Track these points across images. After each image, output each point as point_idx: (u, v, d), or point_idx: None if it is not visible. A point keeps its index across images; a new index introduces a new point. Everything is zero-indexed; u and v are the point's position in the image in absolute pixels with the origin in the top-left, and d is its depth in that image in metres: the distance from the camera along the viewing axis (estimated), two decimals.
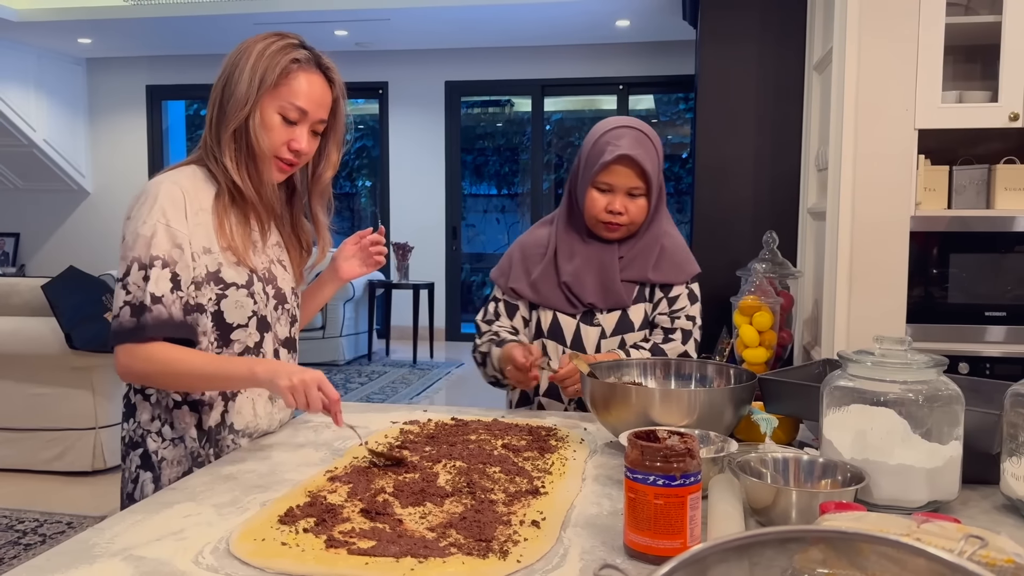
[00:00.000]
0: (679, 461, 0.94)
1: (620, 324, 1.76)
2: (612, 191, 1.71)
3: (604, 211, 1.71)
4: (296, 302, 1.60)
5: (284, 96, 1.42)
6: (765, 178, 4.00)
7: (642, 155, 1.68)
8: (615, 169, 1.69)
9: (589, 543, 1.00)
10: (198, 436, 1.44)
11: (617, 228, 1.73)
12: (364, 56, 7.77)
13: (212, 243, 1.41)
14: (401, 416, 1.60)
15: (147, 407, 1.45)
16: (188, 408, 1.44)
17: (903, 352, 1.12)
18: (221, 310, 1.42)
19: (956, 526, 0.82)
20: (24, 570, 0.93)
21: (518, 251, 1.85)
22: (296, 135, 1.44)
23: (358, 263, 1.69)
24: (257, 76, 1.41)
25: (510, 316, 1.83)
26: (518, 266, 1.82)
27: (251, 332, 1.46)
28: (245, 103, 1.41)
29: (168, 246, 1.36)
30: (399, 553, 0.94)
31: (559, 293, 1.76)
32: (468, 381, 6.27)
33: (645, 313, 1.78)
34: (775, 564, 0.66)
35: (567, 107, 8.23)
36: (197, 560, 0.95)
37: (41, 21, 6.57)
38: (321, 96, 1.46)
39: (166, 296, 1.35)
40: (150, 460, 1.43)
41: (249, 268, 1.45)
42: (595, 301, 1.75)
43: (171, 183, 1.40)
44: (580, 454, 1.36)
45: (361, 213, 8.66)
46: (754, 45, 3.96)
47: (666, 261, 1.78)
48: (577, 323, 1.76)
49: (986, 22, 2.68)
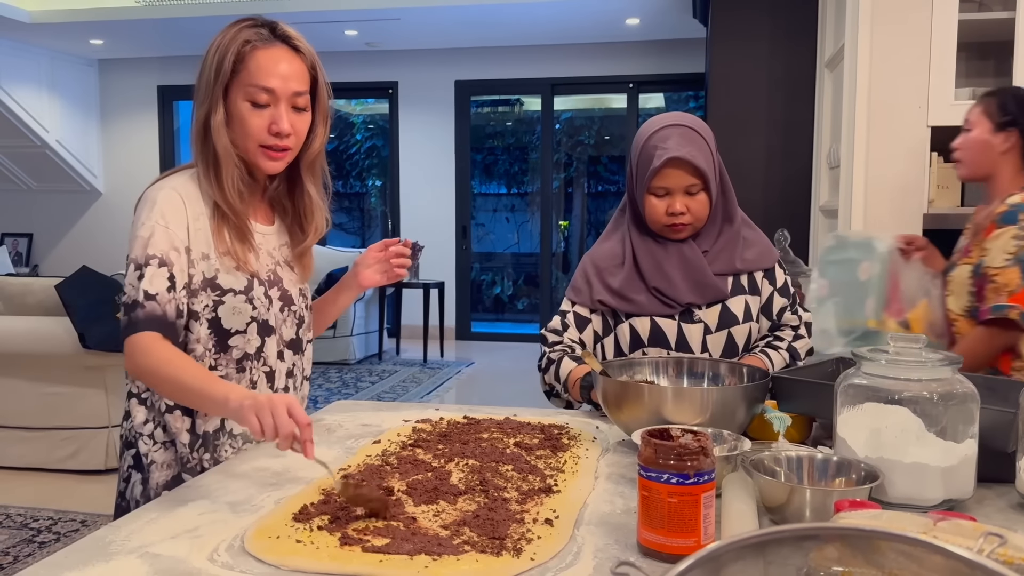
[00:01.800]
0: (693, 459, 0.93)
1: (723, 318, 1.70)
2: (670, 194, 1.66)
3: (665, 215, 1.67)
4: (305, 303, 1.55)
5: (247, 81, 1.34)
6: (777, 176, 3.99)
7: (692, 152, 1.64)
8: (667, 173, 1.64)
9: (602, 541, 1.00)
10: (190, 441, 1.40)
11: (682, 228, 1.68)
12: (374, 56, 7.78)
13: (210, 249, 1.37)
14: (413, 415, 1.60)
15: (142, 410, 1.42)
16: (181, 412, 1.40)
17: (918, 350, 1.12)
18: (218, 316, 1.38)
19: (972, 524, 0.82)
20: (42, 567, 0.93)
21: (591, 265, 1.77)
22: (275, 116, 1.35)
23: (379, 272, 1.63)
24: (212, 69, 1.34)
25: (580, 329, 1.76)
26: (596, 280, 1.75)
27: (250, 338, 1.41)
28: (205, 100, 1.35)
29: (165, 246, 1.32)
30: (413, 551, 0.94)
31: (651, 298, 1.70)
32: (479, 380, 6.27)
33: (746, 304, 1.73)
34: (790, 562, 0.66)
35: (577, 106, 8.22)
36: (212, 557, 0.95)
37: (53, 23, 6.60)
38: (288, 69, 1.36)
39: (161, 294, 1.30)
40: (141, 462, 1.41)
41: (249, 273, 1.40)
42: (693, 299, 1.69)
43: (170, 189, 1.36)
44: (593, 452, 1.36)
45: (371, 212, 8.68)
46: (765, 43, 3.94)
47: (750, 249, 1.75)
48: (678, 324, 1.70)
49: (999, 18, 2.66)
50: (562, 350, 1.74)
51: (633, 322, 1.71)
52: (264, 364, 1.44)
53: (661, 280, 1.69)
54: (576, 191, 8.35)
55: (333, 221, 1.58)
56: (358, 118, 8.73)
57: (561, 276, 8.27)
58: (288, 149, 1.39)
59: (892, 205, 2.62)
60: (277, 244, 1.50)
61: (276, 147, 1.37)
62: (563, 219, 8.26)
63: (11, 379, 3.85)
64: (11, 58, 7.20)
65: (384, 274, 1.63)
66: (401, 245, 1.63)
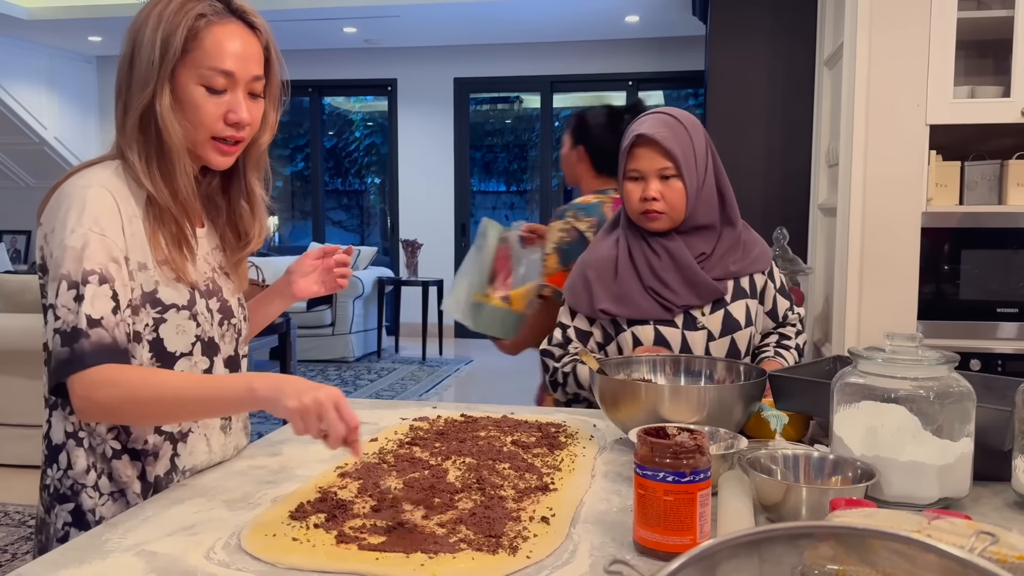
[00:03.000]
0: (689, 458, 0.94)
1: (726, 324, 1.69)
2: (643, 177, 1.66)
3: (639, 200, 1.67)
4: (243, 313, 1.36)
5: (200, 62, 1.16)
6: (775, 174, 3.99)
7: (664, 134, 1.63)
8: (637, 153, 1.66)
9: (599, 539, 1.00)
10: (143, 489, 1.21)
11: (657, 216, 1.66)
12: (373, 53, 7.77)
13: (147, 258, 1.17)
14: (411, 413, 1.60)
15: (81, 454, 1.20)
16: (129, 457, 1.20)
17: (914, 349, 1.12)
18: (160, 337, 1.18)
19: (967, 523, 0.82)
20: (38, 565, 0.93)
21: (589, 271, 1.74)
22: (232, 104, 1.18)
23: (316, 282, 1.46)
24: (158, 46, 1.14)
25: (583, 341, 1.75)
26: (597, 285, 1.71)
27: (196, 360, 1.23)
28: (147, 83, 1.15)
29: (104, 259, 1.12)
30: (409, 548, 0.95)
31: (649, 300, 1.68)
32: (477, 378, 6.27)
33: (747, 308, 1.72)
34: (785, 560, 0.66)
35: (576, 103, 8.21)
36: (209, 555, 0.95)
37: (51, 19, 6.60)
38: (245, 49, 1.18)
39: (107, 318, 1.10)
40: (84, 519, 1.19)
41: (190, 285, 1.21)
42: (690, 300, 1.67)
43: (99, 187, 1.15)
44: (589, 451, 1.36)
45: (370, 210, 8.67)
46: (764, 41, 3.94)
47: (750, 252, 1.75)
48: (681, 332, 1.68)
49: (998, 17, 2.66)
50: (572, 359, 1.73)
51: (636, 330, 1.69)
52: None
53: (655, 281, 1.68)
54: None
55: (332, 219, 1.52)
56: (357, 115, 8.72)
57: None
58: (242, 141, 1.23)
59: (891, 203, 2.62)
60: (209, 248, 1.30)
61: (230, 139, 1.20)
62: None
63: (9, 376, 3.85)
64: (9, 55, 7.19)
65: (323, 284, 1.47)
66: (343, 252, 1.47)
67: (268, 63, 1.24)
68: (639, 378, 1.53)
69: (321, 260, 1.47)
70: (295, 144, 8.74)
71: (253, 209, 1.32)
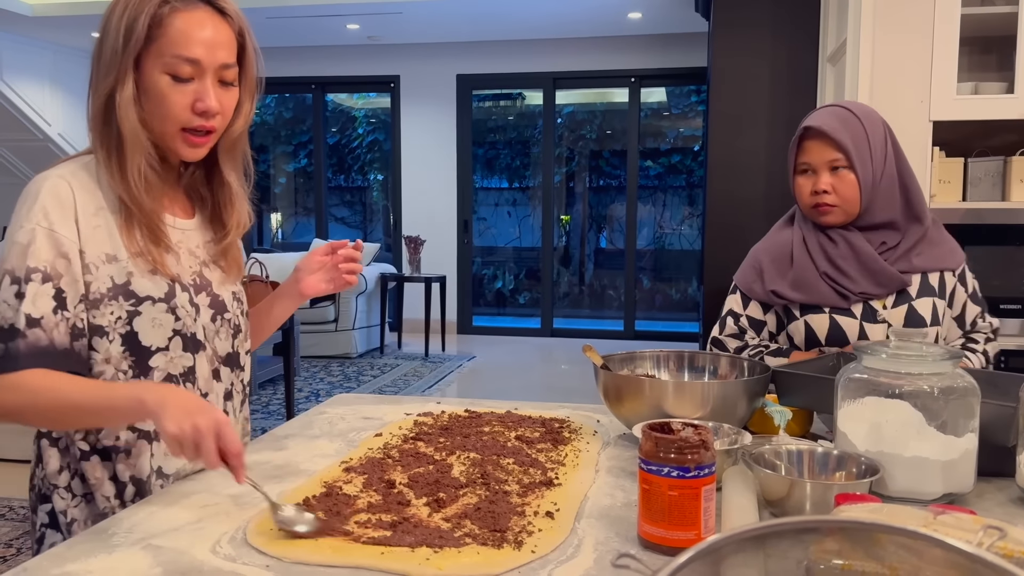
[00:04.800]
0: (693, 453, 0.94)
1: (909, 319, 1.62)
2: (814, 171, 1.63)
3: (810, 194, 1.63)
4: (240, 308, 1.33)
5: (166, 49, 1.12)
6: (778, 171, 3.98)
7: (834, 125, 1.59)
8: (807, 146, 1.63)
9: (603, 534, 1.00)
10: (114, 492, 1.18)
11: (829, 209, 1.62)
12: (376, 50, 7.77)
13: (119, 249, 1.15)
14: (415, 408, 1.61)
15: (54, 455, 1.19)
16: (99, 458, 1.18)
17: (918, 344, 1.12)
18: (135, 330, 1.16)
19: (972, 517, 0.82)
20: (45, 558, 0.94)
21: (763, 255, 1.72)
22: (200, 92, 1.14)
23: (323, 279, 1.41)
24: (121, 34, 1.11)
25: (757, 331, 1.72)
26: (771, 269, 1.69)
27: (174, 356, 1.20)
28: (109, 72, 1.12)
29: (50, 255, 1.10)
30: (414, 543, 0.95)
31: (825, 286, 1.63)
32: (480, 374, 6.28)
33: (934, 307, 1.64)
34: (790, 555, 0.66)
35: (579, 100, 8.21)
36: (215, 549, 0.96)
37: (55, 16, 6.60)
38: (215, 35, 1.14)
39: (46, 318, 1.09)
40: (57, 521, 1.19)
41: (169, 277, 1.19)
42: (868, 288, 1.61)
43: (57, 177, 1.14)
44: (593, 446, 1.36)
45: (373, 207, 8.68)
46: (767, 37, 3.94)
47: (936, 248, 1.66)
48: (859, 323, 1.63)
49: (1002, 13, 2.66)
50: (758, 350, 1.69)
51: (810, 319, 1.65)
52: (196, 388, 1.24)
53: (831, 268, 1.63)
54: (578, 185, 8.34)
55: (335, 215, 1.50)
56: (360, 112, 8.72)
57: (563, 270, 8.27)
58: (213, 131, 1.19)
59: None
60: (200, 241, 1.28)
61: (200, 129, 1.17)
62: (565, 214, 8.25)
63: None
64: (13, 51, 7.19)
65: (331, 281, 1.41)
66: (352, 247, 1.41)
67: (243, 51, 1.20)
68: (643, 374, 1.53)
69: (329, 256, 1.42)
70: (298, 141, 8.75)
71: (229, 199, 1.29)
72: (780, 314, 1.70)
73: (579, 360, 6.34)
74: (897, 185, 1.64)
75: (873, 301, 1.64)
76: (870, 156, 1.60)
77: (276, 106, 8.77)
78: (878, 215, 1.63)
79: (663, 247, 8.17)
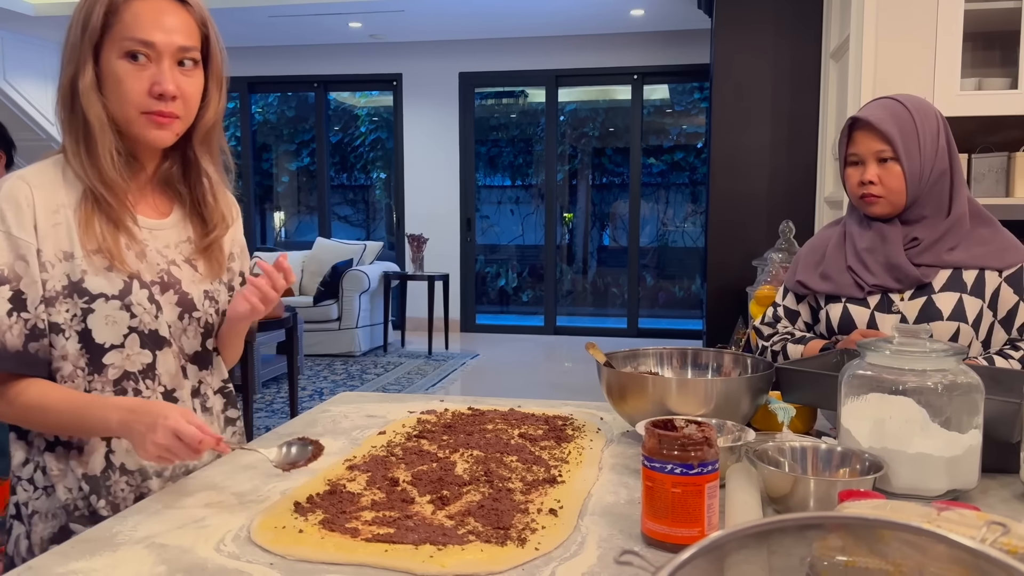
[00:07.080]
0: (696, 450, 0.94)
1: (924, 312, 1.62)
2: (862, 162, 1.64)
3: (857, 185, 1.65)
4: (214, 307, 1.30)
5: (120, 35, 1.14)
6: (781, 167, 3.98)
7: (882, 117, 1.61)
8: (856, 138, 1.65)
9: (607, 531, 1.00)
10: (74, 485, 1.19)
11: (875, 200, 1.63)
12: (378, 48, 7.77)
13: (75, 247, 1.16)
14: (418, 406, 1.61)
15: (21, 447, 1.21)
16: (62, 449, 1.19)
17: (922, 341, 1.12)
18: (88, 328, 1.16)
19: (976, 514, 0.82)
20: (49, 557, 0.94)
21: (806, 248, 1.80)
22: (157, 76, 1.14)
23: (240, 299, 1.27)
24: (80, 24, 1.14)
25: (791, 321, 1.77)
26: (806, 260, 1.77)
27: (130, 353, 1.19)
28: (70, 62, 1.15)
29: (8, 258, 1.12)
30: (418, 540, 0.95)
31: (846, 277, 1.68)
32: (484, 372, 6.28)
33: (960, 302, 1.61)
34: (794, 552, 0.66)
35: (581, 97, 8.20)
36: (219, 548, 0.96)
37: (57, 15, 6.60)
38: (172, 21, 1.15)
39: (1, 320, 1.11)
40: (20, 512, 1.21)
41: (127, 274, 1.18)
42: (883, 281, 1.64)
43: (16, 179, 1.15)
44: (597, 443, 1.36)
45: (376, 205, 8.68)
46: (770, 33, 3.93)
47: (978, 247, 1.63)
48: (871, 312, 1.65)
49: (1006, 8, 2.65)
50: (783, 338, 1.76)
51: (830, 309, 1.71)
52: (159, 383, 1.23)
53: (855, 260, 1.68)
54: (580, 183, 8.34)
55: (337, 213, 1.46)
56: (362, 110, 8.72)
57: (566, 268, 8.27)
58: (176, 117, 1.18)
59: None
60: (175, 240, 1.27)
61: (162, 112, 1.16)
62: (567, 211, 8.25)
63: None
64: (15, 51, 7.20)
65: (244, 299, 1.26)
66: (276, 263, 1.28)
67: (207, 42, 1.21)
68: (646, 371, 1.53)
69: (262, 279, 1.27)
70: (300, 139, 8.75)
71: (212, 192, 1.29)
72: (812, 304, 1.77)
73: (582, 358, 6.34)
74: (948, 180, 1.64)
75: (891, 293, 1.66)
76: (919, 149, 1.61)
77: (279, 105, 8.77)
78: (926, 207, 1.64)
79: (666, 244, 8.17)
